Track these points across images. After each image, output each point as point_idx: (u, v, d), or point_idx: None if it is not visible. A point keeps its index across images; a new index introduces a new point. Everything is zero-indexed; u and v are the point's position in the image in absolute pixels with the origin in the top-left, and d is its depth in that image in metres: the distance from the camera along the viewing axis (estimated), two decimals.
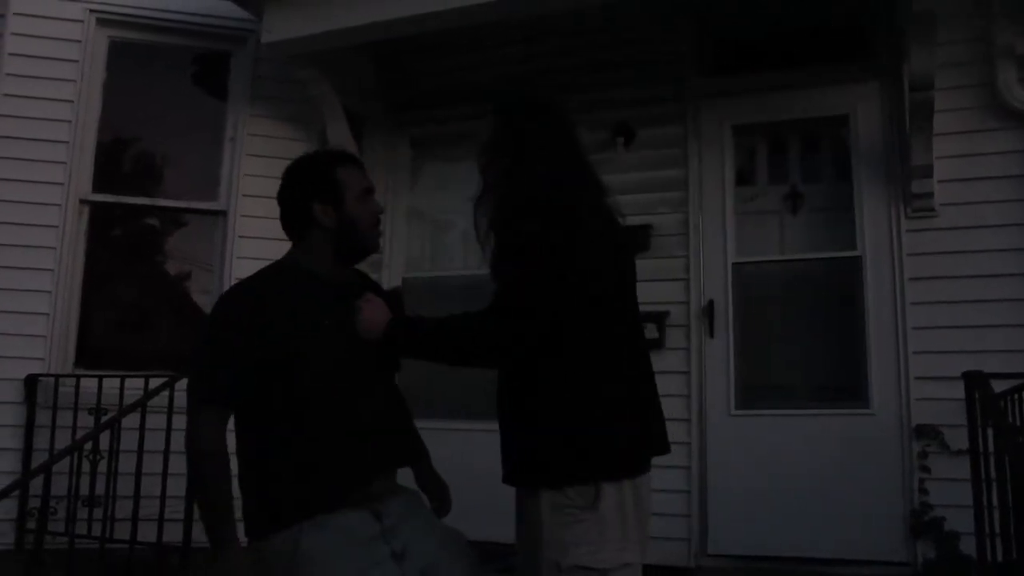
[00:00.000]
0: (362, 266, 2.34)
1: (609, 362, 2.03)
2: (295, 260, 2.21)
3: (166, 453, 3.90)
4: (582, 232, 2.03)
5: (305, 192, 2.18)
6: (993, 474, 3.22)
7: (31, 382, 4.61)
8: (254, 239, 4.82)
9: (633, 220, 2.22)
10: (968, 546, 3.64)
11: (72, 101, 4.94)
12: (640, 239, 4.52)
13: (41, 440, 4.49)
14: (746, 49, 4.90)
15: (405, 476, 2.29)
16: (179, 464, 3.48)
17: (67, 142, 4.90)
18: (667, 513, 4.17)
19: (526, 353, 1.99)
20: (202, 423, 2.01)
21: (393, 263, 5.29)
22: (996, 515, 3.19)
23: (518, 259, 2.00)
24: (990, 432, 3.28)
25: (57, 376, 4.61)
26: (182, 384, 3.76)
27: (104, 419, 4.15)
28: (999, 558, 3.19)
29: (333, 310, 2.12)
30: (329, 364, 2.07)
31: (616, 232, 2.16)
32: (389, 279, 5.19)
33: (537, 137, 2.16)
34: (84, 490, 4.15)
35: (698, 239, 4.66)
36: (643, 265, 2.39)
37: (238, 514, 2.08)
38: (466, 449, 4.33)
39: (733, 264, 4.62)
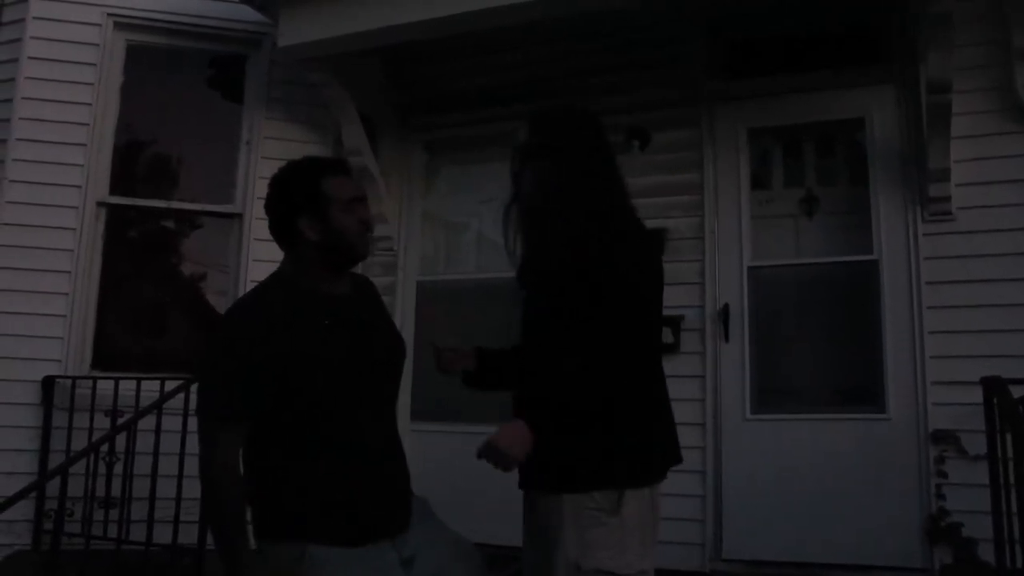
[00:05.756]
0: (373, 268, 2.33)
1: (640, 368, 2.02)
2: (289, 273, 2.19)
3: (181, 455, 3.91)
4: (620, 238, 2.03)
5: (290, 206, 2.14)
6: (1012, 480, 3.19)
7: (48, 384, 4.64)
8: (269, 242, 4.74)
9: (648, 223, 2.21)
10: (986, 552, 3.62)
11: (90, 104, 4.98)
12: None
13: (58, 442, 4.53)
14: (760, 52, 4.87)
15: None
16: (194, 466, 3.51)
17: (85, 145, 4.94)
18: (681, 518, 4.15)
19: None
20: (219, 441, 1.99)
21: (407, 266, 5.29)
22: (1015, 521, 3.16)
23: (554, 267, 1.99)
24: (1008, 437, 3.25)
25: (74, 378, 4.64)
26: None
27: (120, 421, 4.18)
28: (1018, 565, 3.16)
29: (329, 326, 2.10)
30: (329, 383, 2.04)
31: (649, 237, 2.15)
32: (403, 282, 5.19)
33: (571, 143, 2.14)
34: (100, 492, 4.18)
35: (713, 242, 4.64)
36: None
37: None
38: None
39: (748, 268, 4.60)
